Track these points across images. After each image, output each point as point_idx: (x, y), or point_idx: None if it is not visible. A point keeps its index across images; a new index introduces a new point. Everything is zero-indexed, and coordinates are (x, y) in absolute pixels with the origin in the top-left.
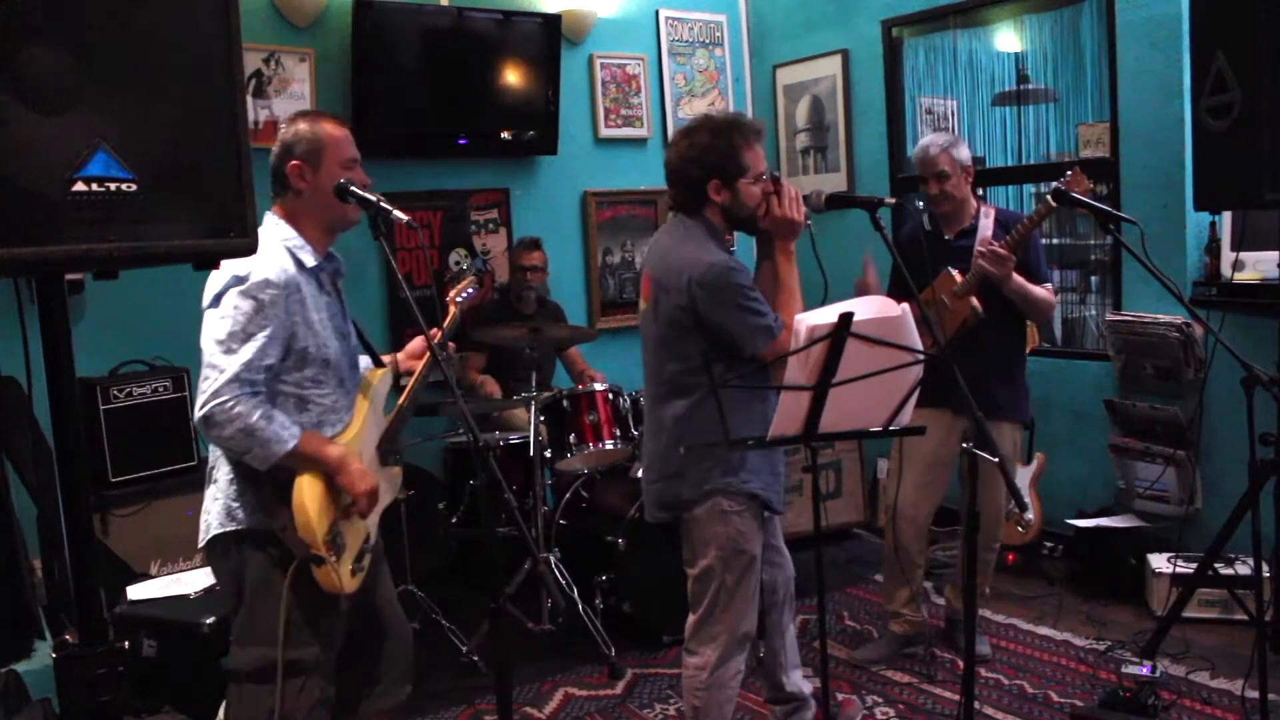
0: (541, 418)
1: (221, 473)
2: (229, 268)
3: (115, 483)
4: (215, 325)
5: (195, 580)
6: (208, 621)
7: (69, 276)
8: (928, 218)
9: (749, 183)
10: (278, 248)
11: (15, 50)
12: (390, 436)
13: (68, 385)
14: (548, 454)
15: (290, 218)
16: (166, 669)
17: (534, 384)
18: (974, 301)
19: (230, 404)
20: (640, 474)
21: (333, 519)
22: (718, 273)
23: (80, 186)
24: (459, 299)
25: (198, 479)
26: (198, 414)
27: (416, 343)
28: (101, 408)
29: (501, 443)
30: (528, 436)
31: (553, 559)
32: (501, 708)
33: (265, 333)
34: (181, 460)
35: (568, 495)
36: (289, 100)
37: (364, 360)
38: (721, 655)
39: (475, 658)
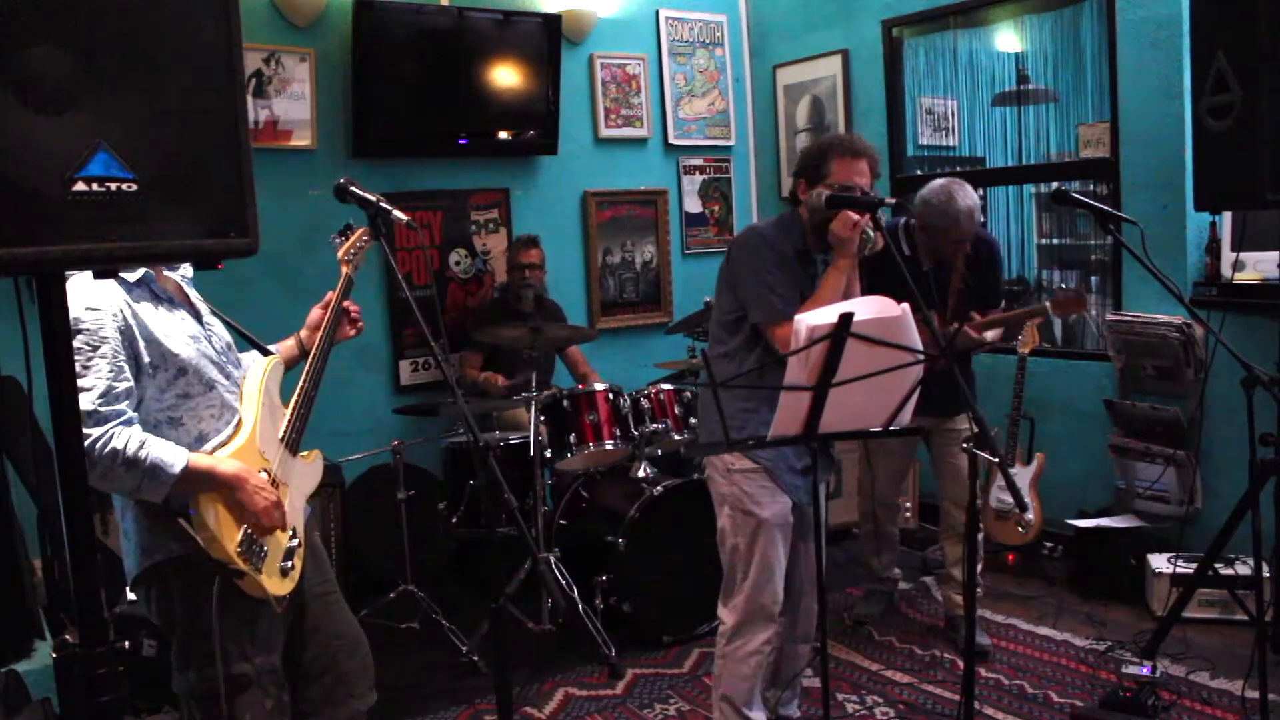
0: (542, 418)
1: (128, 515)
2: None
3: None
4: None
5: None
6: None
7: (69, 276)
8: (906, 242)
9: (825, 189)
10: (87, 279)
11: (15, 50)
12: (296, 424)
13: (68, 385)
14: (548, 454)
15: None
16: (167, 669)
17: (534, 384)
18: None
19: (102, 441)
20: (639, 473)
21: (243, 529)
22: (752, 237)
23: (80, 186)
24: (348, 258)
25: None
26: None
27: (314, 314)
28: None
29: (501, 443)
30: (528, 436)
31: (553, 559)
32: (501, 708)
33: (106, 359)
34: None
35: (568, 495)
36: (289, 100)
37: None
38: (738, 624)
39: (475, 658)
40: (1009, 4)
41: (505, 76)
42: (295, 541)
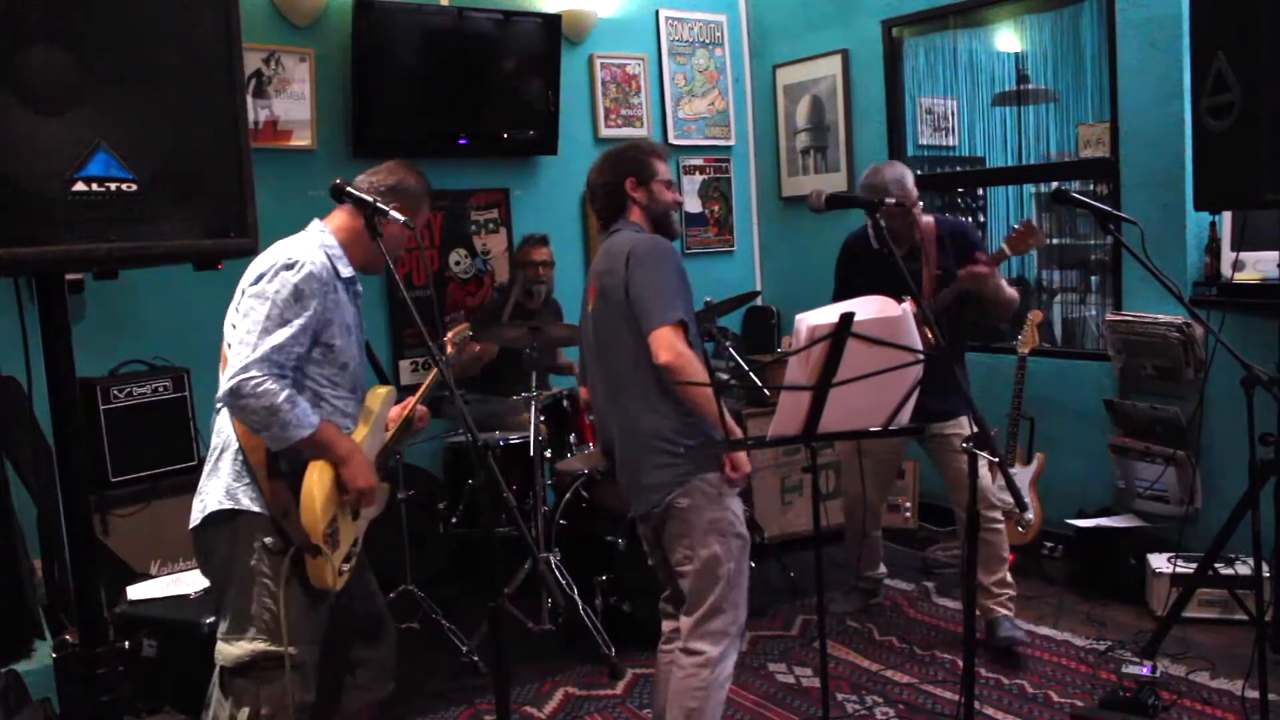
0: (541, 418)
1: (227, 456)
2: (275, 253)
3: (115, 483)
4: (255, 305)
5: (195, 580)
6: (208, 621)
7: (69, 276)
8: (874, 236)
9: (661, 185)
10: (319, 251)
11: (15, 50)
12: (385, 455)
13: (68, 385)
14: (548, 454)
15: (343, 234)
16: (166, 669)
17: (534, 384)
18: (929, 333)
19: (258, 381)
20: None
21: (334, 513)
22: (658, 245)
23: (80, 186)
24: (458, 340)
25: (198, 479)
26: (225, 385)
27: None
28: (101, 408)
29: (501, 442)
30: (528, 436)
31: (553, 559)
32: (501, 708)
33: (300, 321)
34: (181, 460)
35: (568, 495)
36: (289, 100)
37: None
38: (724, 651)
39: (475, 658)
40: (1009, 4)
41: (505, 76)
42: (356, 549)
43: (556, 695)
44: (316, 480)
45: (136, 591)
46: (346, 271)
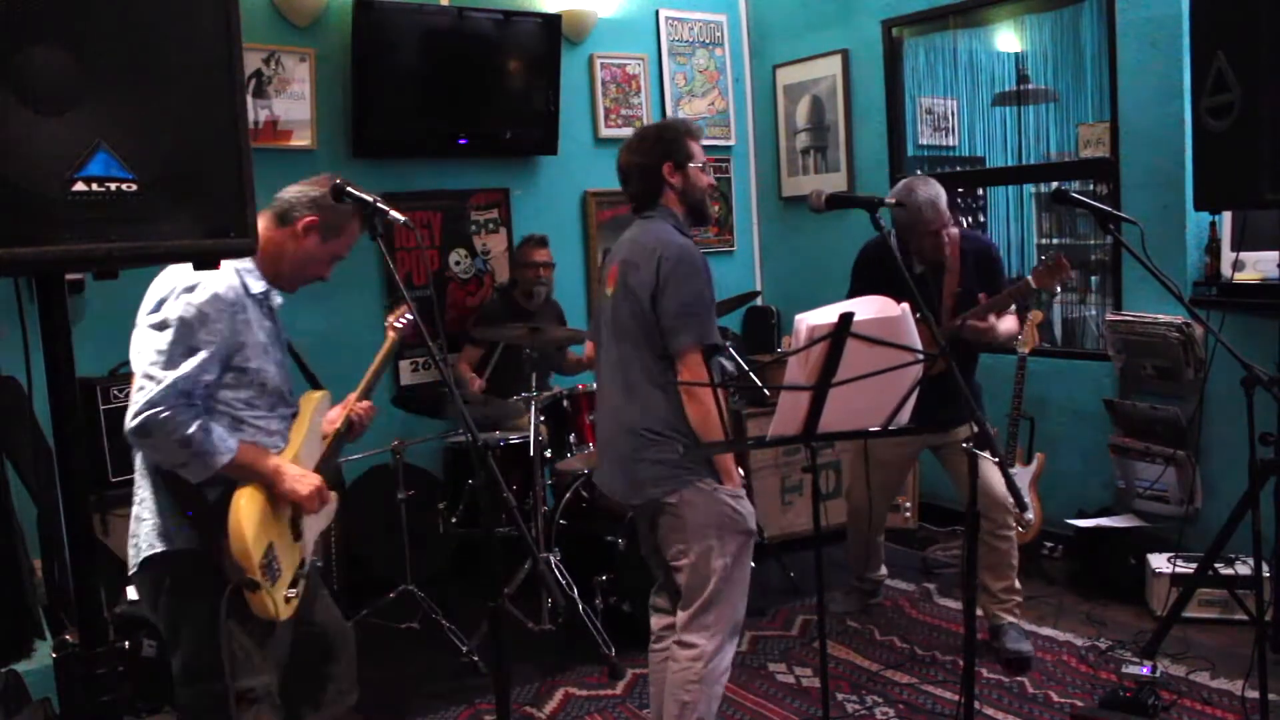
0: (541, 418)
1: (147, 493)
2: (175, 276)
3: (115, 483)
4: (154, 335)
5: None
6: None
7: (69, 276)
8: (896, 243)
9: (697, 170)
10: (226, 267)
11: (15, 50)
12: (327, 460)
13: (68, 385)
14: (548, 454)
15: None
16: (166, 669)
17: (534, 384)
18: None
19: (165, 415)
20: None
21: (269, 541)
22: (689, 255)
23: (80, 186)
24: (398, 324)
25: None
26: (130, 424)
27: (348, 404)
28: (101, 408)
29: (501, 442)
30: (528, 436)
31: (553, 559)
32: (501, 708)
33: (208, 348)
34: None
35: (568, 495)
36: (289, 100)
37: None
38: (718, 645)
39: (475, 658)
40: (1009, 4)
41: (505, 76)
42: (304, 570)
43: (556, 695)
44: (244, 509)
45: (136, 592)
46: (257, 287)
